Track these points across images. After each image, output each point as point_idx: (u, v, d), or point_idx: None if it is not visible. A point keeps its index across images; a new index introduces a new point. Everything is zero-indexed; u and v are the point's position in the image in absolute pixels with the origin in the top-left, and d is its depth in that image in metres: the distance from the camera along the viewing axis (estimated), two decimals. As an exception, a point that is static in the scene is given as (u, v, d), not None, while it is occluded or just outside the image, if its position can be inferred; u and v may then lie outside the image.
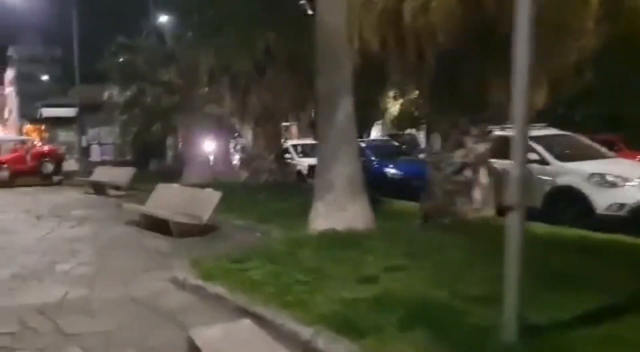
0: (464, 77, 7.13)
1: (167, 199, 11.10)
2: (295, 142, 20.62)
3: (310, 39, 11.95)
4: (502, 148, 9.13)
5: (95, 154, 25.09)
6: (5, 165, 20.51)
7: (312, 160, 19.21)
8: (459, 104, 7.44)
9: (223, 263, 6.79)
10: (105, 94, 25.33)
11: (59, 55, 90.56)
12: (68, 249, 8.97)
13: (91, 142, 24.98)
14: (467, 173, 7.87)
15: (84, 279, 7.11)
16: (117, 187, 16.68)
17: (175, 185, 12.33)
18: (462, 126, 7.84)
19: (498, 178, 7.94)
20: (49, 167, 20.78)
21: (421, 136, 37.16)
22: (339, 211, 7.20)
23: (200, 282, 6.32)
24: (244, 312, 5.42)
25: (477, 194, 7.82)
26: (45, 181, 20.79)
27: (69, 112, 24.55)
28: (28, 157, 20.91)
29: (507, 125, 10.29)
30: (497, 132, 8.55)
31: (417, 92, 18.65)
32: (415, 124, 33.40)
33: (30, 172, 20.83)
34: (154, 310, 5.85)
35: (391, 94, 31.75)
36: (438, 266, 5.80)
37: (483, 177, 7.90)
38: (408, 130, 34.46)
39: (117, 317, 5.71)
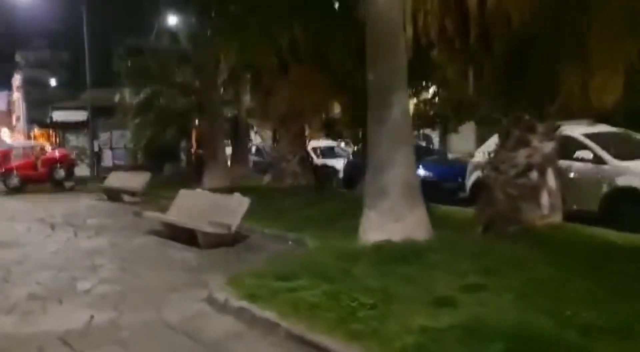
0: (535, 64, 6.29)
1: (190, 206, 10.31)
2: (316, 143, 19.86)
3: (339, 32, 11.22)
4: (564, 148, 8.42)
5: (107, 159, 24.39)
6: (15, 172, 19.82)
7: (334, 162, 18.72)
8: (528, 95, 6.61)
9: (267, 281, 5.97)
10: (117, 97, 24.76)
11: (66, 60, 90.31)
12: (88, 264, 8.19)
13: (103, 146, 24.27)
14: (533, 175, 7.03)
15: (108, 299, 6.33)
16: (133, 193, 15.94)
17: (199, 190, 11.58)
18: (526, 122, 7.01)
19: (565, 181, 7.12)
20: (61, 173, 20.07)
21: (434, 136, 36.48)
22: (395, 220, 6.39)
23: (244, 304, 5.51)
24: (302, 342, 4.63)
25: (544, 199, 6.98)
26: (57, 187, 20.07)
27: (80, 115, 23.87)
28: (39, 163, 20.21)
29: (575, 122, 9.49)
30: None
31: (431, 91, 18.02)
32: (430, 123, 32.58)
33: (41, 178, 20.13)
34: (194, 338, 5.05)
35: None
36: (526, 284, 4.97)
37: (551, 179, 7.07)
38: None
39: (154, 348, 4.92)
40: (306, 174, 13.42)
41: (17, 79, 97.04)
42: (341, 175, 15.82)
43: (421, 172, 14.93)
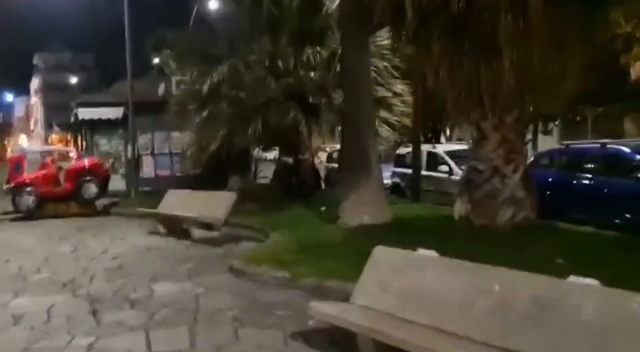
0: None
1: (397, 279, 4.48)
2: (448, 147, 14.03)
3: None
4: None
5: (148, 168, 18.71)
6: (29, 188, 14.19)
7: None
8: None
9: None
10: (161, 89, 19.15)
11: (88, 63, 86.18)
12: None
13: (143, 152, 18.55)
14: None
15: None
16: (208, 226, 10.20)
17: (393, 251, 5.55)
18: None
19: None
20: (92, 188, 14.39)
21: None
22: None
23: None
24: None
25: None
26: (87, 209, 14.42)
27: (113, 112, 18.26)
28: (62, 176, 14.60)
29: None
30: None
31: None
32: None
33: (64, 196, 14.47)
34: None
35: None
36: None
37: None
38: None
39: None
40: (531, 201, 7.46)
41: (35, 83, 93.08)
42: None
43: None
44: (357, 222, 8.06)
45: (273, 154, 19.08)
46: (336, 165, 17.30)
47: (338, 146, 16.45)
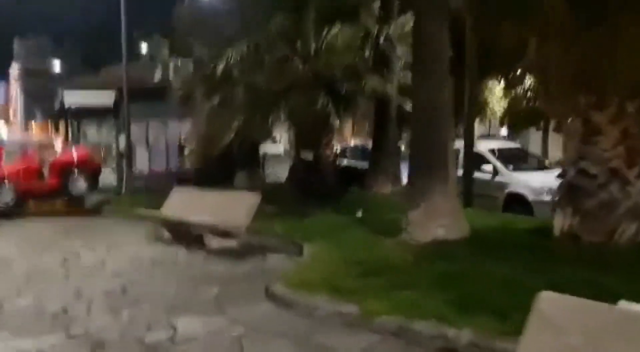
0: None
1: None
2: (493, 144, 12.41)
3: None
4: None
5: (142, 162, 16.83)
6: (8, 182, 12.28)
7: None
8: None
9: None
10: (157, 74, 17.27)
11: (71, 50, 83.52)
12: None
13: (135, 143, 16.63)
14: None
15: None
16: (225, 234, 8.46)
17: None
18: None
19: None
20: (81, 184, 12.58)
21: (534, 137, 29.13)
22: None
23: None
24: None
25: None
26: (74, 207, 12.57)
27: (103, 97, 16.33)
28: (46, 169, 12.73)
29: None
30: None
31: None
32: (533, 121, 25.45)
33: (49, 192, 12.63)
34: None
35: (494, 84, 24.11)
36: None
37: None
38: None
39: None
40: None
41: (15, 69, 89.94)
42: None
43: None
44: (430, 237, 6.42)
45: (280, 148, 17.35)
46: (346, 162, 15.65)
47: (353, 142, 14.86)
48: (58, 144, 14.61)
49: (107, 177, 16.27)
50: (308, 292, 5.59)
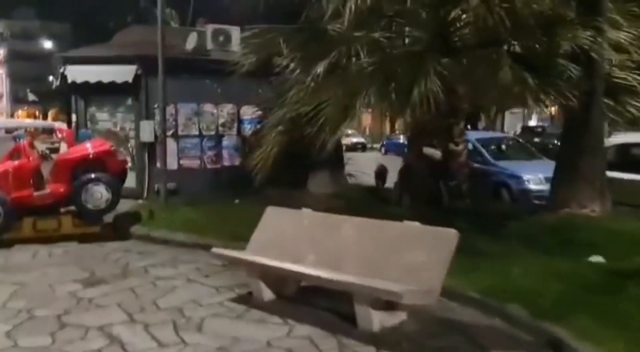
0: None
1: None
2: None
3: None
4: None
5: (171, 156, 12.71)
6: (-9, 190, 8.17)
7: None
8: None
9: None
10: (191, 41, 13.22)
11: (60, 31, 79.36)
12: None
13: (162, 132, 12.37)
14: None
15: None
16: (390, 303, 4.46)
17: None
18: None
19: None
20: (100, 192, 8.44)
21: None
22: None
23: None
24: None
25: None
26: (89, 228, 8.52)
27: (118, 72, 12.18)
28: (48, 169, 8.66)
29: None
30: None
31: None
32: None
33: (52, 204, 8.51)
34: None
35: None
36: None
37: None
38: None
39: None
40: None
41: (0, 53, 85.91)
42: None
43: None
44: None
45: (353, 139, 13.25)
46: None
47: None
48: (64, 133, 10.41)
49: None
50: None
